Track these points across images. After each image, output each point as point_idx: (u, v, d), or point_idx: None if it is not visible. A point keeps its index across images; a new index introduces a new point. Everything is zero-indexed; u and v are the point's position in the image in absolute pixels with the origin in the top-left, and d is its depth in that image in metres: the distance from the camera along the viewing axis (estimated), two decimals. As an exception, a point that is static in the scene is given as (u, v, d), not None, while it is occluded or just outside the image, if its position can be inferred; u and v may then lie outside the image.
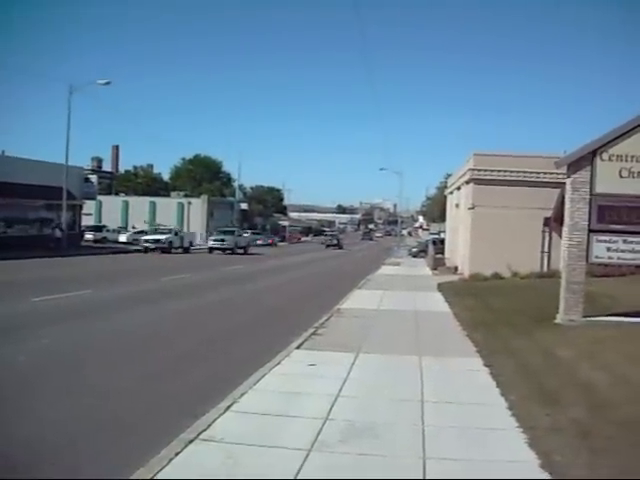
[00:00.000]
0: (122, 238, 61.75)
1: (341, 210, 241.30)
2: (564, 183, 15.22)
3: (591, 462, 5.52)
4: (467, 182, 31.38)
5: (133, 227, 70.23)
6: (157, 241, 50.61)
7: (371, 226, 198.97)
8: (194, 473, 5.28)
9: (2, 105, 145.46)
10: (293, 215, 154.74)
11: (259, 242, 76.99)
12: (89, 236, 56.82)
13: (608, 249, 13.97)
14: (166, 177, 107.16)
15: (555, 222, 25.47)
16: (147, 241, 50.93)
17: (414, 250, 60.79)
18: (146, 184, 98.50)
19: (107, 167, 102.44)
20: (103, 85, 43.72)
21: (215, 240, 54.33)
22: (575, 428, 6.43)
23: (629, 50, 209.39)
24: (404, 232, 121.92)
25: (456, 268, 34.04)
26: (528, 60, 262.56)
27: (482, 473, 5.35)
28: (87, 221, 58.99)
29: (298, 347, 11.09)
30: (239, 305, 18.50)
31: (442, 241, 47.49)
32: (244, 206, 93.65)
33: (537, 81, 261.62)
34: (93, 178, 60.04)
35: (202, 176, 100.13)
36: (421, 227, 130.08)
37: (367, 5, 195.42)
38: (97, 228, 62.26)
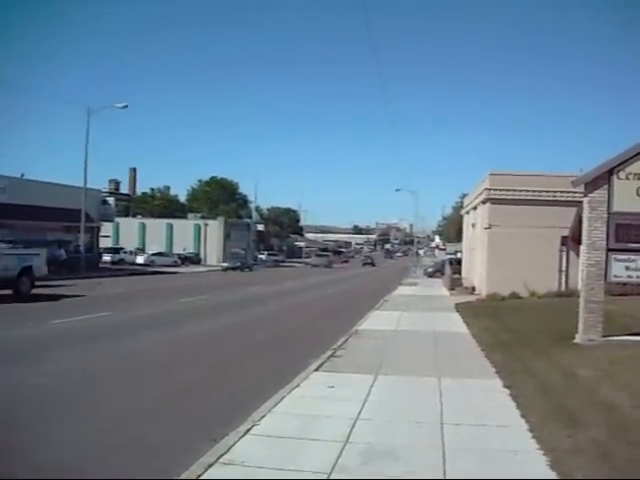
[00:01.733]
0: (140, 260, 61.57)
1: (357, 231, 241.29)
2: (581, 202, 15.19)
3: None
4: (483, 202, 31.34)
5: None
6: None
7: (387, 246, 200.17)
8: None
9: (16, 128, 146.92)
10: (309, 236, 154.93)
11: (225, 265, 63.66)
12: (107, 258, 57.10)
13: (627, 268, 13.88)
14: (183, 199, 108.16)
15: (572, 241, 25.33)
16: None
17: (430, 270, 60.69)
18: (163, 206, 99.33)
19: (124, 189, 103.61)
20: (121, 108, 44.49)
21: None
22: (597, 450, 6.38)
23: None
24: (420, 252, 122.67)
25: (473, 288, 33.87)
26: (544, 79, 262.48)
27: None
28: (105, 243, 59.41)
29: (317, 369, 11.08)
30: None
31: (459, 261, 47.28)
32: (260, 227, 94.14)
33: (553, 100, 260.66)
34: (111, 200, 60.89)
35: (218, 198, 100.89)
36: (437, 247, 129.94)
37: (379, 18, 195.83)
38: (115, 250, 62.66)
